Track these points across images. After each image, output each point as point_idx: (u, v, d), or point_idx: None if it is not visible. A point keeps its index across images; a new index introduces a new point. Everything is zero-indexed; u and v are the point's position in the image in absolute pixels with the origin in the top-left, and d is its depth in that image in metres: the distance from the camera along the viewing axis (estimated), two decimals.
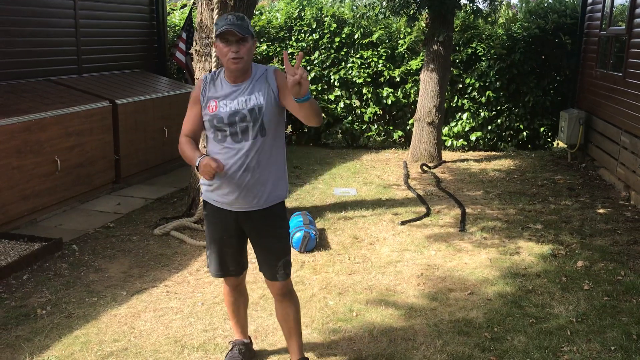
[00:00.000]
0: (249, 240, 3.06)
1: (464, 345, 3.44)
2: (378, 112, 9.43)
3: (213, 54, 5.26)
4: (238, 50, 2.73)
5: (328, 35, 9.31)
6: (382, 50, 9.19)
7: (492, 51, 8.84)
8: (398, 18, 8.83)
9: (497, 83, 8.93)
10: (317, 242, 4.94)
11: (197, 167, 2.73)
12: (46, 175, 5.58)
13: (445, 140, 9.18)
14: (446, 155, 8.78)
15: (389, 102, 9.16)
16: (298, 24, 9.46)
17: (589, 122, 7.95)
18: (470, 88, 9.07)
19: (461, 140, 9.26)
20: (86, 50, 7.34)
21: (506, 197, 6.52)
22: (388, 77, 9.17)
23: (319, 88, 9.39)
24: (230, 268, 3.07)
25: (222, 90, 2.84)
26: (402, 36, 9.16)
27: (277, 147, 2.89)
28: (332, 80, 9.40)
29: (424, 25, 8.33)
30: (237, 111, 2.78)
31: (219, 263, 3.07)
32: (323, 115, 9.46)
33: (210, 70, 5.31)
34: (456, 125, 9.20)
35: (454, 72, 8.98)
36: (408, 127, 9.24)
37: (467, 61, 9.09)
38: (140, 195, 6.51)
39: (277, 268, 2.97)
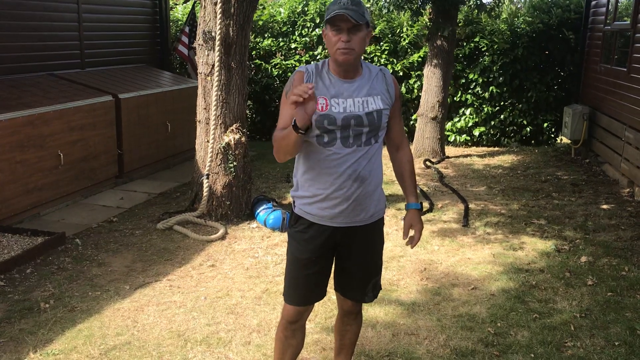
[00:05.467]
0: (335, 259, 2.70)
1: (467, 340, 3.44)
2: None
3: (216, 48, 5.25)
4: (349, 40, 2.36)
5: None
6: (385, 45, 9.17)
7: (495, 46, 8.81)
8: (401, 12, 8.79)
9: (501, 78, 8.89)
10: None
11: (294, 123, 2.28)
12: (49, 169, 5.58)
13: (449, 136, 9.17)
14: (449, 150, 8.76)
15: None
16: (302, 19, 9.44)
17: (593, 117, 7.92)
18: (474, 83, 9.04)
19: (464, 135, 9.24)
20: (89, 45, 7.33)
21: (509, 192, 6.51)
22: (391, 71, 9.13)
23: None
24: (313, 295, 2.67)
25: (332, 85, 2.47)
26: (405, 29, 9.13)
27: (380, 153, 2.58)
28: None
29: (427, 20, 8.30)
30: (353, 113, 2.44)
31: (306, 288, 2.63)
32: None
33: (213, 65, 5.28)
34: (459, 120, 9.18)
35: (457, 67, 8.95)
36: (411, 123, 9.22)
37: (470, 56, 9.05)
38: (143, 190, 6.51)
39: (366, 290, 2.72)
